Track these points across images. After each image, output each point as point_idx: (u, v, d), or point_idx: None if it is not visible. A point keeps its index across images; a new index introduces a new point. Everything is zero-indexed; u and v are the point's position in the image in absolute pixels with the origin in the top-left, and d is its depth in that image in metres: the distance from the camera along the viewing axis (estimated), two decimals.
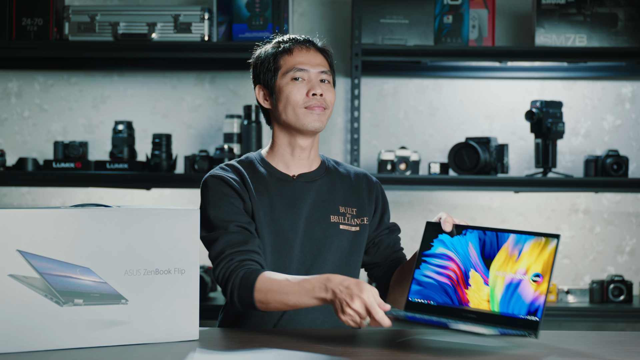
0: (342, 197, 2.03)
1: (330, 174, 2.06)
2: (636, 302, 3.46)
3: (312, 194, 1.99)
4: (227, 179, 1.95)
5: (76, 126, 3.69)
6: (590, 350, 1.66)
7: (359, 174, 2.10)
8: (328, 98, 2.00)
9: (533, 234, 1.67)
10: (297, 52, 2.00)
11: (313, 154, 2.04)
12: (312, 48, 2.03)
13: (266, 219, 1.94)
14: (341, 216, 1.99)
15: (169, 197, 3.67)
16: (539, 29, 3.39)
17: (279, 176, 2.00)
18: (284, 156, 2.02)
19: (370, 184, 2.10)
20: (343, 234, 1.98)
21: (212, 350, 1.65)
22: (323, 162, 2.08)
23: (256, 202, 1.94)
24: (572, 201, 3.68)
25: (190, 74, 3.69)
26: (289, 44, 2.02)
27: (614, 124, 3.69)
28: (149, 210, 1.69)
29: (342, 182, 2.06)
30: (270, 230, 1.94)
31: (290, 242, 1.94)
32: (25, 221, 1.59)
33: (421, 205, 3.69)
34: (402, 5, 3.42)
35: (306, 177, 2.01)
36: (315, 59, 2.01)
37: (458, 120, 3.69)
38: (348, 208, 2.01)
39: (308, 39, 2.05)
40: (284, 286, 1.75)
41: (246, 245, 1.88)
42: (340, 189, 2.04)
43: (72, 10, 3.36)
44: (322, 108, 1.98)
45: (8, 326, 1.57)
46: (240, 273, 1.83)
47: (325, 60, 2.03)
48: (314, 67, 2.00)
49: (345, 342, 1.73)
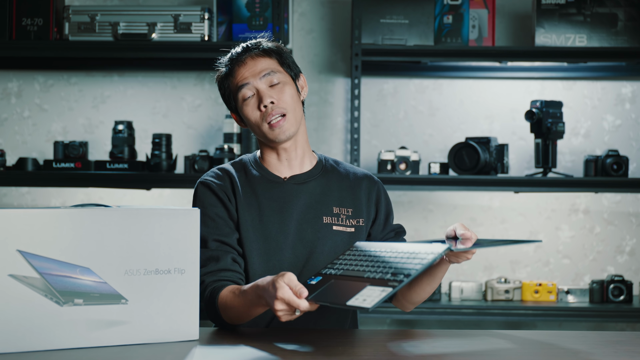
0: (337, 198, 2.00)
1: (327, 174, 2.04)
2: (636, 302, 3.46)
3: (303, 195, 1.98)
4: (213, 186, 1.97)
5: (76, 126, 3.69)
6: (590, 350, 1.66)
7: (359, 175, 2.07)
8: (283, 101, 1.93)
9: (517, 241, 1.72)
10: (236, 70, 1.96)
11: (300, 153, 2.01)
12: (248, 57, 1.96)
13: (254, 223, 1.94)
14: (335, 217, 1.97)
15: (169, 197, 3.67)
16: (539, 29, 3.39)
17: (271, 178, 1.99)
18: (272, 161, 2.02)
19: (371, 185, 2.06)
20: (337, 235, 1.96)
21: (212, 351, 1.65)
22: (319, 162, 2.06)
23: (243, 208, 1.95)
24: (572, 201, 3.68)
25: (190, 74, 3.69)
26: (227, 66, 1.99)
27: (614, 124, 3.69)
28: (149, 210, 1.69)
29: (339, 182, 2.03)
30: (258, 235, 1.94)
31: (280, 245, 1.94)
32: (25, 221, 1.58)
33: (421, 205, 3.69)
34: (402, 5, 3.42)
35: (298, 179, 2.00)
36: (257, 65, 1.95)
37: (458, 120, 3.69)
38: (343, 209, 1.99)
39: (246, 47, 1.98)
40: (235, 301, 1.77)
41: (218, 263, 1.90)
42: (336, 190, 2.01)
43: (72, 10, 3.37)
44: (281, 116, 1.93)
45: (8, 326, 1.57)
46: (207, 295, 1.86)
47: (271, 60, 1.96)
48: (255, 75, 1.94)
49: (345, 342, 1.73)
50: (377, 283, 1.51)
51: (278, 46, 2.01)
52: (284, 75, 1.97)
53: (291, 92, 1.96)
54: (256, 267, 1.94)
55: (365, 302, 1.45)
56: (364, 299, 1.47)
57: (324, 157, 2.09)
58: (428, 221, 3.67)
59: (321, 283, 1.62)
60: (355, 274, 1.61)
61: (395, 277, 1.51)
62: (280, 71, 1.96)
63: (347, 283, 1.58)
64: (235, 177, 1.99)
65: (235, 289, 1.80)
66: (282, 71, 1.97)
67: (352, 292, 1.51)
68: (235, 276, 1.91)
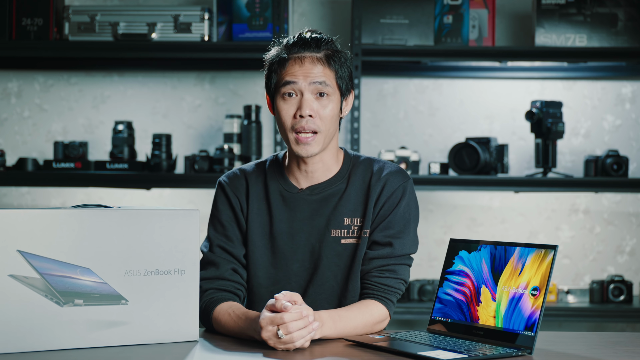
0: (352, 206, 1.91)
1: (350, 180, 1.92)
2: (636, 302, 3.46)
3: (316, 207, 1.91)
4: (227, 189, 1.95)
5: (76, 126, 3.69)
6: (590, 350, 1.66)
7: (383, 175, 1.92)
8: (321, 118, 1.84)
9: (534, 246, 1.68)
10: (290, 63, 1.85)
11: (321, 166, 1.91)
12: (308, 57, 1.85)
13: (264, 233, 1.92)
14: (345, 229, 1.90)
15: (169, 197, 3.67)
16: (539, 29, 3.39)
17: (286, 188, 1.93)
18: (292, 168, 1.94)
19: (388, 183, 1.92)
20: (344, 248, 1.91)
21: (211, 351, 1.65)
22: (343, 167, 1.94)
23: (254, 216, 1.93)
24: (572, 201, 3.68)
25: (190, 74, 3.69)
26: (285, 51, 1.87)
27: (614, 124, 3.69)
28: (149, 210, 1.69)
29: (359, 187, 1.92)
30: (267, 246, 1.92)
31: (287, 258, 1.91)
32: (26, 221, 1.59)
33: (421, 205, 3.66)
34: (402, 5, 3.41)
35: (314, 190, 1.92)
36: (313, 70, 1.84)
37: (458, 120, 3.69)
38: (355, 219, 1.91)
39: (313, 40, 1.86)
40: (229, 323, 1.78)
41: (217, 270, 1.90)
42: (353, 197, 1.91)
43: (72, 10, 3.36)
44: (311, 134, 1.84)
45: (8, 326, 1.57)
46: (203, 306, 1.86)
47: (329, 71, 1.86)
48: (307, 78, 1.84)
49: (346, 342, 1.72)
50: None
51: (343, 56, 1.90)
52: (334, 91, 1.87)
53: (333, 110, 1.86)
54: (261, 277, 1.92)
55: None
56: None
57: (353, 157, 1.96)
58: (428, 221, 3.67)
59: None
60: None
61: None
62: (332, 86, 1.86)
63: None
64: (252, 183, 1.95)
65: (231, 312, 1.79)
66: (334, 86, 1.87)
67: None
68: (234, 286, 1.91)
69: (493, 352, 1.59)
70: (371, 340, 1.70)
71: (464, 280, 1.77)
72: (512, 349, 1.61)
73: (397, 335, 1.75)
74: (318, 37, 1.88)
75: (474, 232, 3.65)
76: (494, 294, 1.71)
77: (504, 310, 1.68)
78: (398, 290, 1.89)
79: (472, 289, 1.75)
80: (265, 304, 1.66)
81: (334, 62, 1.87)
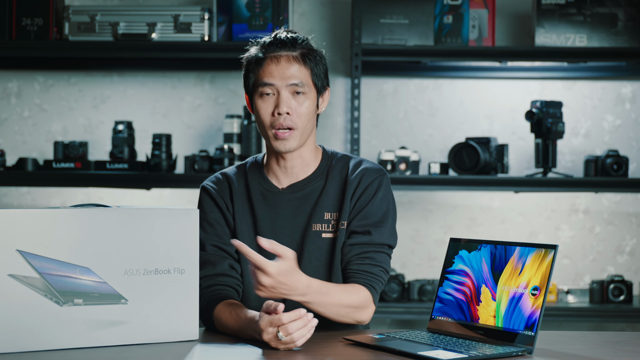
0: (332, 201, 1.95)
1: (328, 175, 1.97)
2: (636, 302, 3.46)
3: (297, 203, 1.95)
4: (212, 192, 1.98)
5: (76, 126, 3.69)
6: (590, 350, 1.66)
7: (359, 170, 1.97)
8: (298, 114, 1.88)
9: (534, 245, 1.69)
10: (267, 63, 1.89)
11: (300, 162, 1.96)
12: (285, 57, 1.89)
13: (249, 233, 1.95)
14: (325, 224, 1.94)
15: (169, 197, 3.67)
16: (539, 29, 3.39)
17: (267, 187, 1.97)
18: (272, 167, 1.98)
19: (363, 179, 1.95)
20: (325, 242, 1.94)
21: (212, 351, 1.65)
22: (323, 164, 1.99)
23: (240, 216, 1.96)
24: (572, 201, 3.68)
25: (190, 74, 3.69)
26: (262, 51, 1.91)
27: (614, 124, 3.69)
28: (149, 210, 1.69)
29: (337, 183, 1.97)
30: (253, 245, 1.89)
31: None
32: (25, 221, 1.59)
33: (421, 205, 3.69)
34: (402, 5, 3.41)
35: (294, 188, 1.96)
36: (289, 70, 1.89)
37: (458, 120, 3.69)
38: (334, 214, 1.95)
39: (289, 40, 1.90)
40: (230, 321, 1.79)
41: (215, 267, 1.91)
42: (332, 192, 1.96)
43: (72, 10, 3.36)
44: (289, 130, 1.89)
45: (8, 326, 1.57)
46: (203, 302, 1.86)
47: (305, 69, 1.90)
48: (283, 79, 1.88)
49: (346, 342, 1.73)
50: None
51: (318, 55, 1.94)
52: (310, 89, 1.91)
53: (309, 107, 1.90)
54: (249, 274, 1.93)
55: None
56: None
57: (331, 154, 2.01)
58: (428, 221, 3.67)
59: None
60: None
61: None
62: (309, 84, 1.91)
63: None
64: (235, 185, 1.99)
65: (232, 311, 1.80)
66: (310, 84, 1.91)
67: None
68: (233, 281, 1.92)
69: (493, 352, 1.59)
70: (371, 340, 1.70)
71: (464, 279, 1.78)
72: (512, 348, 1.61)
73: (397, 335, 1.75)
74: (294, 36, 1.93)
75: (474, 232, 3.65)
76: (494, 294, 1.71)
77: (504, 309, 1.69)
78: (380, 278, 1.90)
79: (472, 289, 1.75)
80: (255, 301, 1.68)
81: (310, 61, 1.92)
